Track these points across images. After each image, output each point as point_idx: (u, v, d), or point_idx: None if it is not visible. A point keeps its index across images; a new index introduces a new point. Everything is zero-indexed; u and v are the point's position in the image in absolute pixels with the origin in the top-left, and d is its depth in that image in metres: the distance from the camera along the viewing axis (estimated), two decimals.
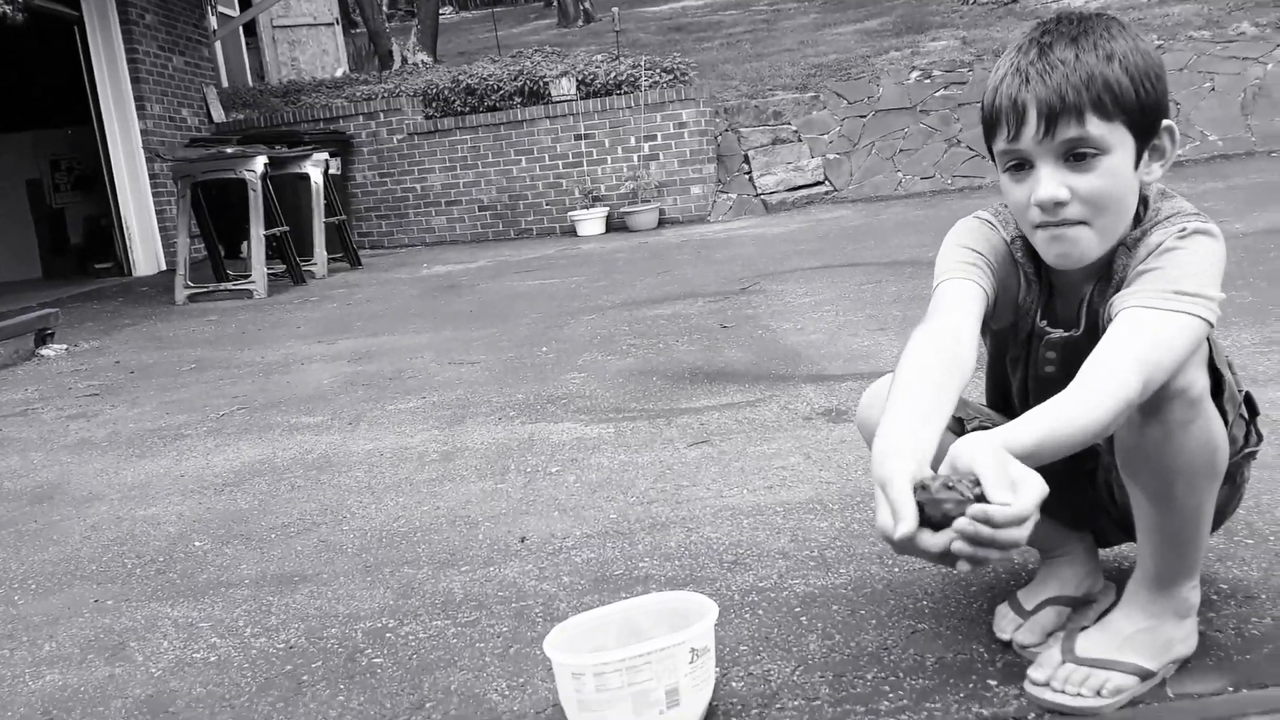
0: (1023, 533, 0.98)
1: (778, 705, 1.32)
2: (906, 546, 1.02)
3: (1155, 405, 1.14)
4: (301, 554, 2.06)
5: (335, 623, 1.72)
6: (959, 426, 1.39)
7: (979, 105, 1.31)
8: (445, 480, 2.43)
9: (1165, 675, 1.28)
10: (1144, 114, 1.21)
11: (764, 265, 5.34)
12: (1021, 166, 1.24)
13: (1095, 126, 1.18)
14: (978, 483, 1.01)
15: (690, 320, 4.09)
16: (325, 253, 7.25)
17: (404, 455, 2.67)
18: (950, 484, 1.01)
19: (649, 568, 1.80)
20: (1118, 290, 1.22)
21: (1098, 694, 1.23)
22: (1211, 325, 1.16)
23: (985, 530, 0.97)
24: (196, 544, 2.18)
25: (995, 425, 1.40)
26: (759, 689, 1.37)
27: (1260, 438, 1.37)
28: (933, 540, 1.01)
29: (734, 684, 1.38)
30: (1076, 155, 1.20)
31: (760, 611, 1.58)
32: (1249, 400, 1.34)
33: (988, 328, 1.41)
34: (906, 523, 1.00)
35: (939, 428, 1.14)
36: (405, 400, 3.29)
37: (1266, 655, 1.30)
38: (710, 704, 1.31)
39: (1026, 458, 1.04)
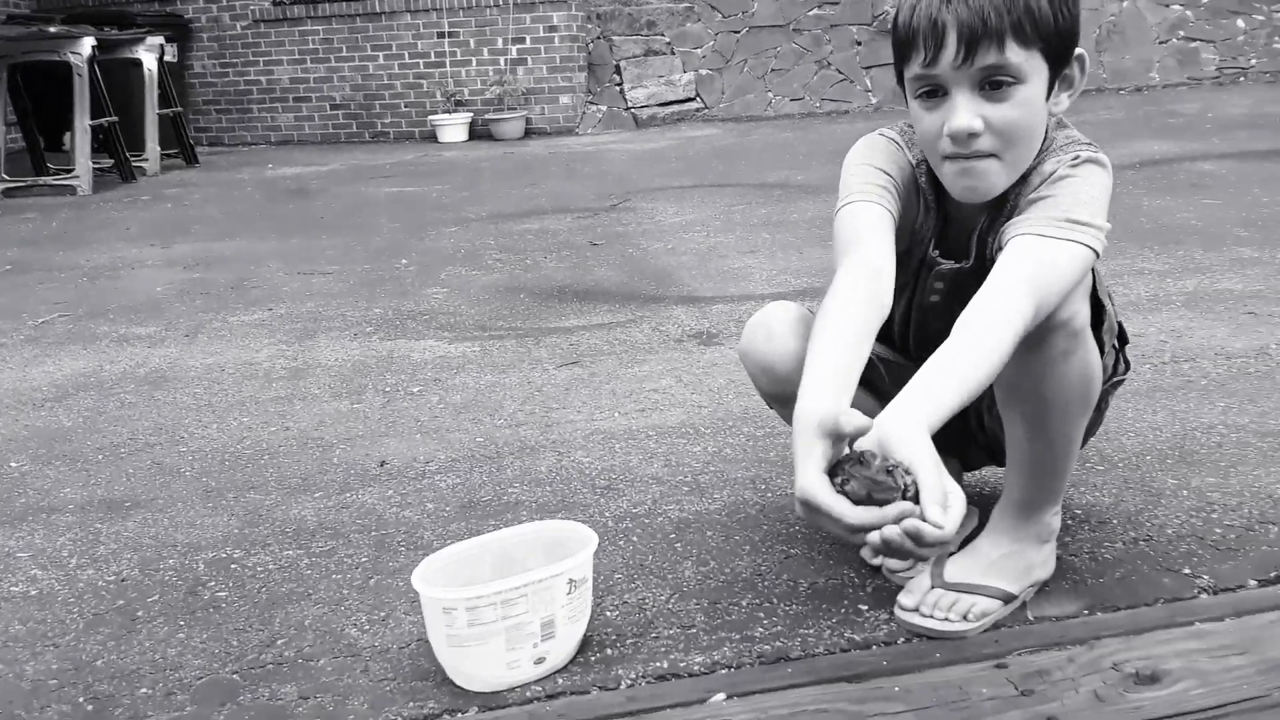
0: (940, 551, 0.96)
1: (653, 634, 1.29)
2: (810, 517, 0.99)
3: (1038, 336, 1.14)
4: (134, 477, 1.90)
5: (173, 553, 1.59)
6: None
7: (864, 25, 1.25)
8: (295, 399, 2.28)
9: (1025, 598, 1.31)
10: (1060, 40, 1.17)
11: (634, 182, 5.25)
12: (935, 93, 1.19)
13: (1014, 54, 1.14)
14: (909, 471, 0.97)
15: (559, 236, 3.97)
16: (158, 148, 6.71)
17: (248, 371, 2.50)
18: (889, 469, 0.97)
19: (519, 493, 1.73)
20: (1009, 219, 1.20)
21: (964, 618, 1.25)
22: (1098, 255, 1.16)
23: (909, 544, 0.95)
24: (12, 464, 1.98)
25: (881, 361, 1.38)
26: (634, 617, 1.33)
27: (1128, 366, 1.40)
28: (858, 517, 0.97)
29: (609, 613, 1.34)
30: (993, 83, 1.16)
31: (635, 538, 1.54)
32: (1120, 329, 1.36)
33: None
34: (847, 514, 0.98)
35: (856, 379, 1.12)
36: (249, 312, 3.08)
37: (1118, 579, 1.35)
38: (585, 634, 1.26)
39: (945, 421, 1.02)
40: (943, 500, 0.95)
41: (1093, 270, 1.20)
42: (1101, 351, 1.24)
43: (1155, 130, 5.69)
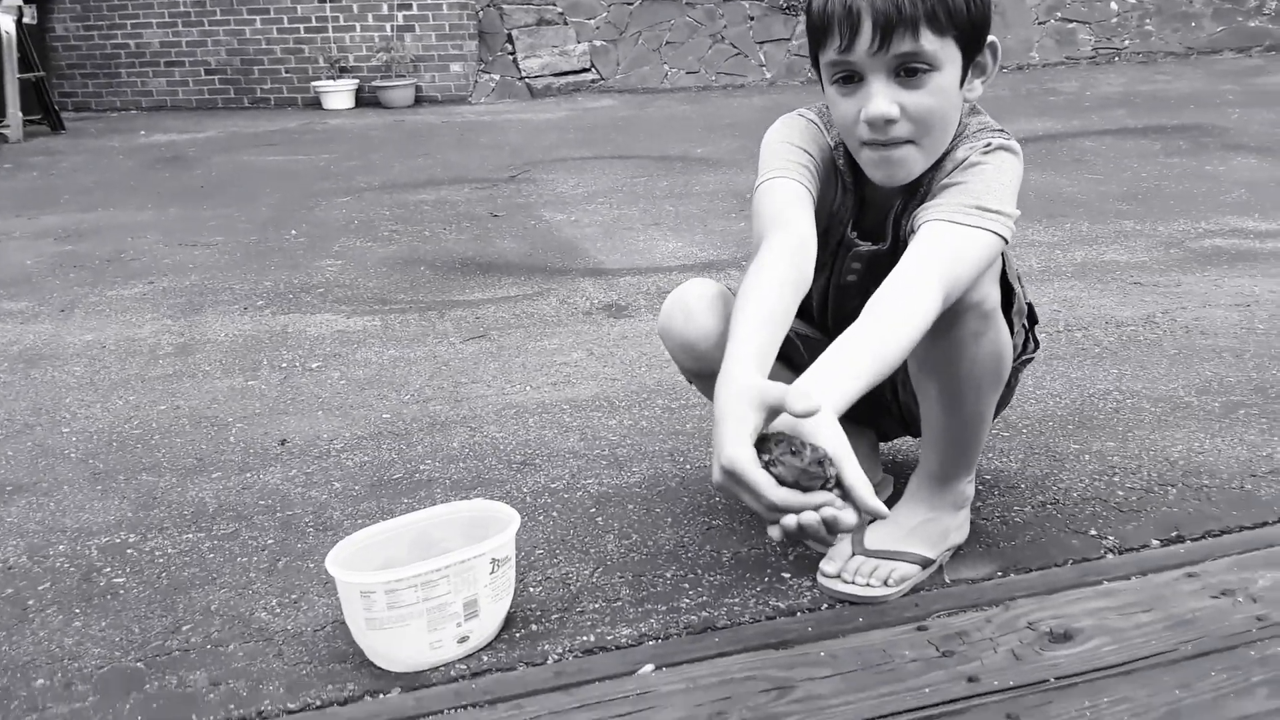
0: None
1: (578, 608, 1.27)
2: (731, 487, 0.97)
3: (951, 318, 1.16)
4: (14, 460, 1.77)
5: (63, 538, 1.49)
6: None
7: (756, 1, 1.24)
8: (184, 377, 2.17)
9: (942, 562, 1.34)
10: (973, 28, 1.18)
11: (532, 153, 5.16)
12: (851, 79, 1.19)
13: (929, 41, 1.15)
14: (834, 462, 0.96)
15: (458, 207, 3.88)
16: (20, 114, 6.30)
17: (132, 348, 2.36)
18: (820, 460, 0.95)
19: (431, 470, 1.68)
20: (922, 202, 1.22)
21: (885, 583, 1.27)
22: (1007, 241, 1.18)
23: (823, 531, 0.94)
24: None
25: (798, 336, 1.39)
26: (559, 593, 1.31)
27: (1037, 345, 1.44)
28: (782, 497, 0.95)
29: (532, 589, 1.32)
30: (908, 70, 1.16)
31: (555, 513, 1.51)
32: (1029, 310, 1.40)
33: None
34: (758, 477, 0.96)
35: (776, 352, 1.11)
36: (128, 285, 2.92)
37: (1029, 541, 1.39)
38: (510, 611, 1.24)
39: (853, 403, 1.03)
40: (871, 490, 0.96)
41: (1003, 254, 1.22)
42: (1011, 331, 1.27)
43: (1038, 108, 5.90)
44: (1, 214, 4.03)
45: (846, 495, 0.95)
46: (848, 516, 0.94)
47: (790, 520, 0.94)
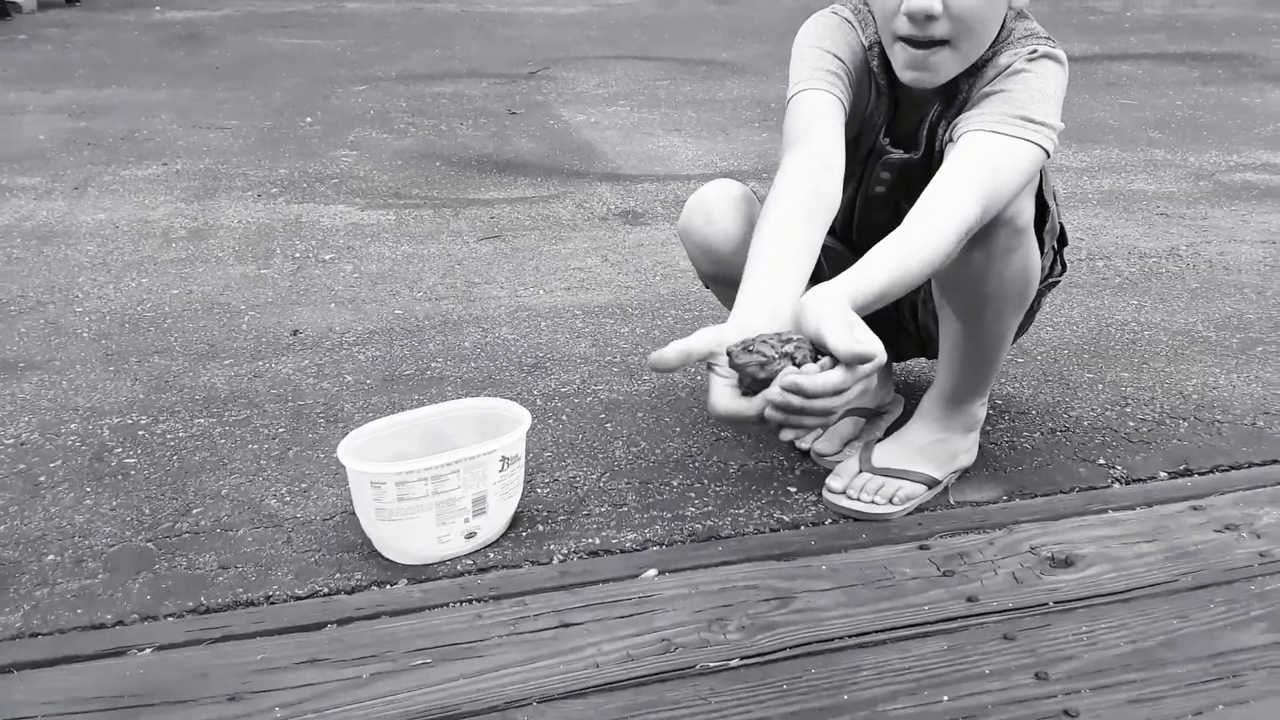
0: (837, 402, 0.89)
1: (585, 511, 1.28)
2: (733, 429, 0.94)
3: (983, 231, 1.13)
4: (27, 337, 1.78)
5: (75, 417, 1.50)
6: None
7: None
8: (197, 261, 2.16)
9: (949, 484, 1.35)
10: None
11: (553, 49, 5.04)
12: None
13: None
14: (800, 342, 0.92)
15: (475, 102, 3.81)
16: None
17: (145, 230, 2.35)
18: (788, 339, 0.91)
19: (442, 368, 1.68)
20: (961, 111, 1.18)
21: (890, 501, 1.28)
22: (1049, 155, 1.15)
23: (796, 399, 0.89)
24: None
25: (821, 252, 1.35)
26: (566, 495, 1.32)
27: (1065, 268, 1.41)
28: (738, 406, 0.92)
29: (540, 490, 1.33)
30: None
31: (564, 417, 1.51)
32: (1061, 230, 1.37)
33: None
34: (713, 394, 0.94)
35: (803, 277, 1.05)
36: (142, 166, 2.88)
37: (1036, 467, 1.39)
38: (517, 511, 1.25)
39: (874, 302, 0.99)
40: (850, 337, 0.90)
41: (1041, 169, 1.19)
42: (1041, 251, 1.25)
43: (1076, 27, 5.71)
44: (16, 86, 3.96)
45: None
46: (805, 379, 0.88)
47: (766, 411, 0.91)
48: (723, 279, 1.32)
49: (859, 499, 1.29)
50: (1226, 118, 3.58)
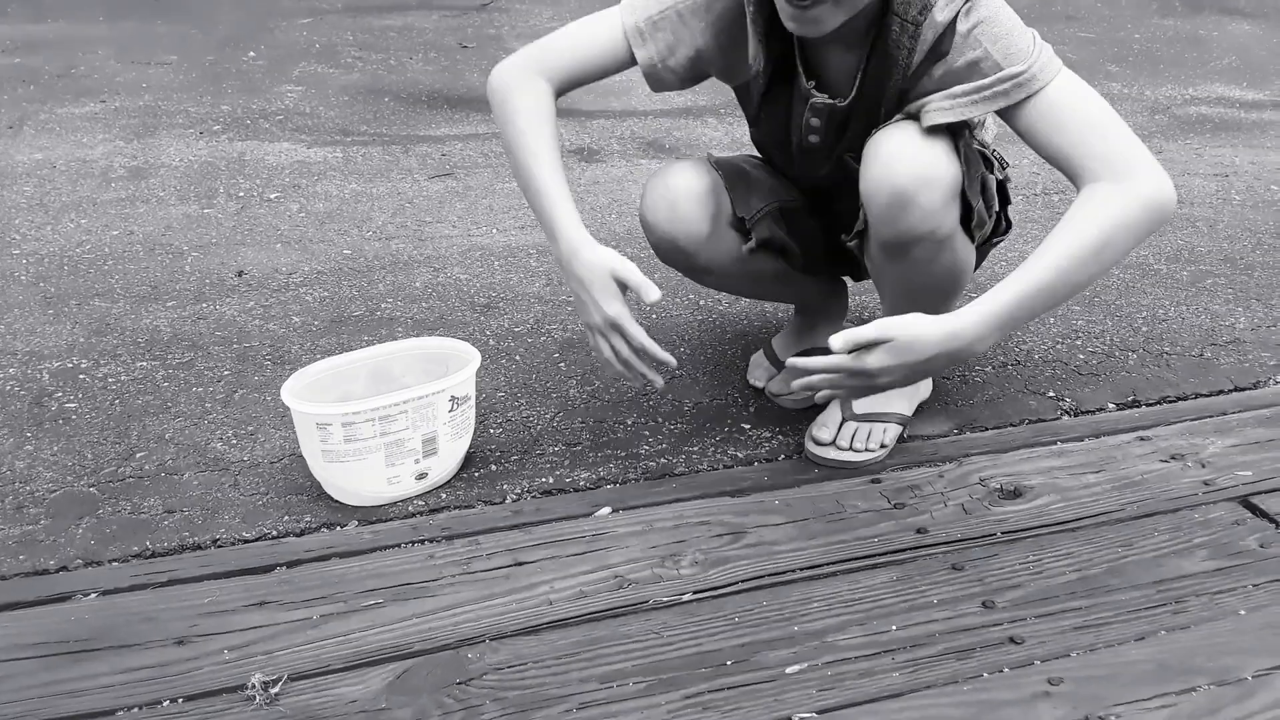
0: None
1: (538, 451, 1.28)
2: (610, 336, 1.18)
3: (900, 247, 1.12)
4: None
5: (13, 361, 1.46)
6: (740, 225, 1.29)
7: None
8: (137, 201, 2.09)
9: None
10: None
11: None
12: None
13: None
14: None
15: (425, 36, 3.71)
16: None
17: (83, 169, 2.27)
18: None
19: (392, 309, 1.65)
20: (908, 73, 1.10)
21: (880, 446, 1.26)
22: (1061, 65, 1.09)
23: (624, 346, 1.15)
24: None
25: (782, 214, 1.30)
26: (520, 435, 1.31)
27: (1010, 226, 1.35)
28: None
29: (493, 430, 1.32)
30: None
31: (518, 357, 1.50)
32: (1002, 190, 1.31)
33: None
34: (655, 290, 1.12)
35: None
36: (79, 103, 2.78)
37: (986, 400, 1.40)
38: (469, 451, 1.24)
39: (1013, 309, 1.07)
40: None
41: (970, 131, 1.16)
42: (971, 239, 1.20)
43: None
44: None
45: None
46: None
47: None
48: (683, 268, 1.29)
49: (850, 448, 1.26)
50: (1183, 51, 3.58)
